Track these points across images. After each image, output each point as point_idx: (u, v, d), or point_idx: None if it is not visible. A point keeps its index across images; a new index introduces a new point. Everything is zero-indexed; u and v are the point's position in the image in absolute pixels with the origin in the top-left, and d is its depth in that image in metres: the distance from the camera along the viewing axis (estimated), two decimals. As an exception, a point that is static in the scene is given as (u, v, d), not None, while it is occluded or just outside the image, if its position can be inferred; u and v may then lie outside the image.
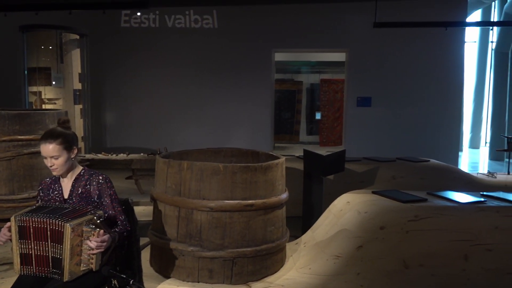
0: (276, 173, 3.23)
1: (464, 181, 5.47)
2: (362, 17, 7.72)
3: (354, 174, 5.44)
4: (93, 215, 2.08)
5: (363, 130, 8.36)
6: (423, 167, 5.56)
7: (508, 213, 3.38)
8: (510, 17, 10.30)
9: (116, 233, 2.19)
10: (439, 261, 3.34)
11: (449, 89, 8.21)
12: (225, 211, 3.04)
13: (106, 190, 2.31)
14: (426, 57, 8.17)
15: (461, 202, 3.49)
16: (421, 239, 3.31)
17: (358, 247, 3.23)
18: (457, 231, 3.35)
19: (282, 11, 8.33)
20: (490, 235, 3.36)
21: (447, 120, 8.22)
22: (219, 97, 8.64)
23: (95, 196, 2.29)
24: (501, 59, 10.89)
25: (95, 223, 2.06)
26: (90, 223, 2.05)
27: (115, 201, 2.31)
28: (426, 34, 7.85)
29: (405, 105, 8.24)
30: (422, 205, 3.43)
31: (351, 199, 3.64)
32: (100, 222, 2.07)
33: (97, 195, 2.29)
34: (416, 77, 8.21)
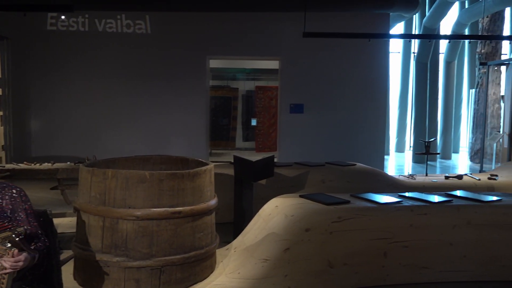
0: (204, 179, 3.25)
1: (387, 183, 5.82)
2: (293, 27, 7.98)
3: (286, 178, 5.60)
4: (11, 232, 1.96)
5: (296, 136, 8.61)
6: (350, 171, 5.84)
7: (421, 211, 3.65)
8: (428, 30, 11.15)
9: (37, 251, 2.09)
10: (361, 259, 3.53)
11: (375, 96, 8.70)
12: (152, 219, 3.00)
13: (21, 204, 2.18)
14: (354, 66, 8.61)
15: (380, 202, 3.71)
16: (344, 239, 3.48)
17: (285, 249, 3.32)
18: (376, 230, 3.56)
19: (216, 19, 8.39)
20: (406, 232, 3.61)
21: (373, 126, 8.69)
22: (153, 104, 8.49)
23: (8, 211, 2.15)
24: (421, 69, 11.75)
25: (13, 240, 1.94)
26: (6, 241, 1.94)
27: (30, 216, 2.19)
28: (353, 44, 8.27)
29: (335, 111, 8.60)
30: (345, 207, 3.61)
31: (279, 203, 3.74)
32: (19, 240, 1.95)
33: (10, 209, 2.16)
34: (344, 85, 8.61)
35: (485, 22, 11.01)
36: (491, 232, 3.70)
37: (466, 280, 3.72)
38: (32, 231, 2.16)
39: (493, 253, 3.72)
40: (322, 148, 8.47)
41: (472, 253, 3.70)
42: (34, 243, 2.14)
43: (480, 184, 5.87)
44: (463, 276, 3.72)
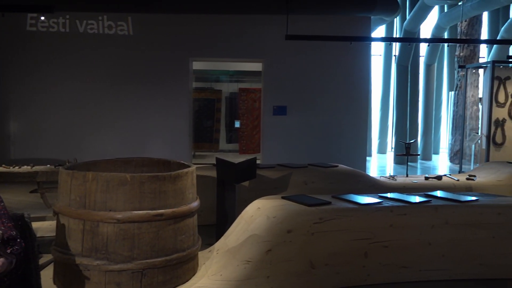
0: (186, 182, 3.25)
1: (369, 184, 5.89)
2: (276, 29, 8.02)
3: (269, 180, 5.62)
4: None
5: (279, 138, 8.65)
6: (332, 172, 5.89)
7: (401, 212, 3.71)
8: (408, 34, 11.33)
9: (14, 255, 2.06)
10: (342, 260, 3.58)
11: (357, 98, 8.80)
12: (133, 222, 2.99)
13: None
14: (336, 68, 8.70)
15: (361, 203, 3.76)
16: (326, 240, 3.52)
17: (267, 251, 3.34)
18: (357, 230, 3.61)
19: (199, 21, 8.38)
20: (386, 232, 3.67)
21: (355, 128, 8.79)
22: (135, 106, 8.43)
23: None
24: (402, 72, 11.94)
25: None
26: None
27: (4, 216, 2.17)
28: (336, 47, 8.36)
29: (318, 113, 8.67)
30: (326, 208, 3.65)
31: (262, 205, 3.76)
32: None
33: None
34: (326, 87, 8.69)
35: (464, 26, 11.25)
36: (468, 232, 3.79)
37: (444, 279, 3.79)
38: (7, 233, 2.13)
39: (470, 252, 3.80)
40: (305, 150, 8.53)
41: (450, 252, 3.78)
42: (10, 247, 2.12)
43: (459, 184, 5.99)
44: (441, 274, 3.79)
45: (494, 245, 3.79)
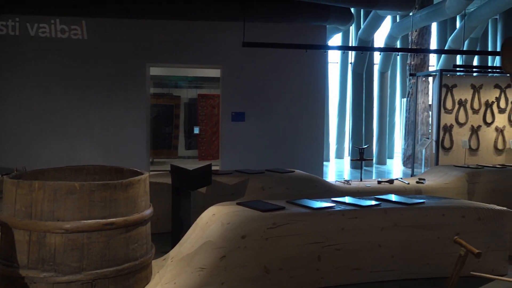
0: (138, 189, 3.21)
1: (325, 189, 6.02)
2: (233, 36, 8.08)
3: (226, 186, 5.63)
4: None
5: (238, 144, 8.68)
6: (288, 178, 5.98)
7: (352, 215, 3.82)
8: (363, 42, 11.72)
9: None
10: (296, 264, 3.64)
11: (314, 105, 8.99)
12: (83, 232, 2.91)
13: None
14: (293, 75, 8.86)
15: (314, 208, 3.85)
16: (280, 245, 3.57)
17: (221, 257, 3.35)
18: (310, 234, 3.69)
19: (156, 26, 8.30)
20: (338, 236, 3.77)
21: (312, 134, 8.97)
22: (90, 112, 8.22)
23: None
24: (357, 79, 12.32)
25: None
26: None
27: None
28: (293, 54, 8.52)
29: (276, 119, 8.79)
30: (280, 213, 3.70)
31: (217, 211, 3.77)
32: None
33: None
34: (284, 94, 8.83)
35: (414, 36, 11.77)
36: (416, 233, 3.96)
37: (394, 279, 3.94)
38: None
39: (418, 252, 3.97)
40: (263, 156, 8.61)
41: (399, 253, 3.93)
42: None
43: (409, 187, 6.24)
44: (391, 275, 3.94)
45: (439, 245, 3.98)
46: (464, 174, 6.54)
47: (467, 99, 9.61)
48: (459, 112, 9.61)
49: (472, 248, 2.79)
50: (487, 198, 6.21)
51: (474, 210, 4.10)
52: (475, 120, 9.69)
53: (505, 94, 9.77)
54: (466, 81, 9.69)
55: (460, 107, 9.60)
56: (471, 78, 9.88)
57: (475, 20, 11.14)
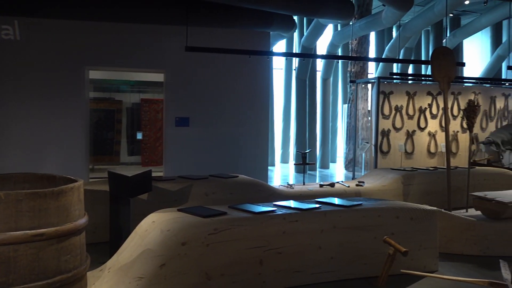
0: (71, 198, 3.06)
1: (268, 193, 6.08)
2: (177, 40, 7.98)
3: (168, 193, 5.53)
4: None
5: (182, 150, 8.56)
6: (232, 183, 5.98)
7: (293, 219, 3.88)
8: (306, 49, 12.02)
9: None
10: (238, 269, 3.63)
11: (258, 110, 9.07)
12: (9, 244, 2.72)
13: None
14: (238, 80, 8.89)
15: (256, 212, 3.87)
16: (221, 250, 3.55)
17: (161, 265, 3.27)
18: (252, 239, 3.70)
19: (96, 28, 8.01)
20: (279, 239, 3.81)
21: (257, 139, 9.04)
22: (25, 117, 7.73)
23: None
24: (301, 85, 12.60)
25: None
26: None
27: None
28: (237, 60, 8.54)
29: (220, 125, 8.76)
30: (221, 218, 3.69)
31: (157, 218, 3.68)
32: None
33: None
34: (229, 99, 8.83)
35: (354, 44, 12.25)
36: (354, 234, 4.09)
37: (333, 280, 4.04)
38: None
39: (356, 253, 4.10)
40: (207, 161, 8.54)
41: (338, 255, 4.04)
42: None
43: (349, 190, 6.45)
44: (331, 276, 4.04)
45: (375, 245, 4.13)
46: (400, 176, 6.87)
47: (402, 105, 10.13)
48: (396, 118, 10.10)
49: (400, 247, 2.93)
50: (420, 198, 6.57)
51: (407, 211, 4.31)
52: (410, 125, 10.23)
53: (437, 101, 10.41)
54: (401, 88, 10.22)
55: (397, 113, 10.10)
56: (406, 85, 10.43)
57: (409, 30, 11.80)
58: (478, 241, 4.94)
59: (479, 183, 7.13)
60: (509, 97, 11.36)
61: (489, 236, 4.94)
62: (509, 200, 5.01)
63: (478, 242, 4.94)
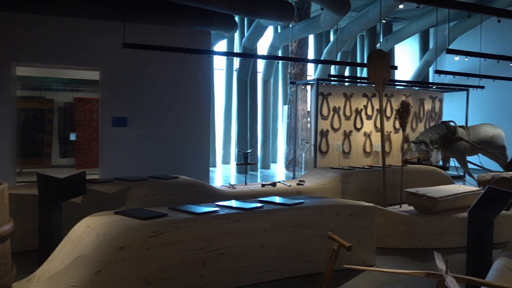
0: (-6, 202, 2.79)
1: (210, 194, 5.99)
2: (113, 37, 7.64)
3: (105, 196, 5.26)
4: None
5: (120, 151, 8.22)
6: (173, 184, 5.82)
7: (235, 218, 3.84)
8: (247, 50, 12.05)
9: None
10: (179, 272, 3.52)
11: (199, 110, 8.93)
12: None
13: None
14: (178, 79, 8.70)
15: (197, 213, 3.77)
16: (162, 254, 3.42)
17: (96, 272, 3.08)
18: (194, 240, 3.60)
19: (25, 21, 7.46)
20: (222, 240, 3.75)
21: (198, 139, 8.90)
22: None
23: None
24: (242, 86, 12.61)
25: None
26: None
27: None
28: (178, 58, 8.36)
29: (160, 125, 8.52)
30: (161, 220, 3.55)
31: (91, 222, 3.47)
32: None
33: None
34: (169, 99, 8.62)
35: (294, 47, 12.47)
36: (296, 232, 4.12)
37: (277, 278, 4.04)
38: None
39: (298, 251, 4.14)
40: (147, 163, 8.28)
41: (281, 253, 4.06)
42: None
43: (290, 189, 6.53)
44: (274, 275, 4.04)
45: (317, 242, 4.20)
46: (339, 175, 7.06)
47: (340, 106, 10.48)
48: (334, 119, 10.43)
49: (344, 242, 2.98)
50: (358, 196, 6.79)
51: (347, 208, 4.43)
52: (347, 126, 10.60)
53: (372, 103, 10.88)
54: (339, 90, 10.56)
55: (335, 113, 10.43)
56: (343, 87, 10.80)
57: (346, 34, 12.23)
58: (411, 235, 5.19)
59: (410, 180, 7.51)
60: (436, 99, 12.14)
61: (421, 230, 5.21)
62: (438, 195, 5.32)
63: (411, 235, 5.19)
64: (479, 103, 13.51)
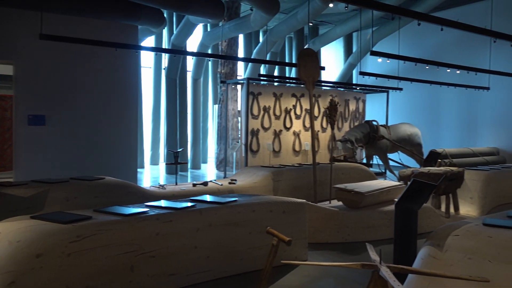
0: None
1: (139, 195, 5.70)
2: (29, 27, 7.04)
3: (19, 200, 4.79)
4: None
5: (37, 151, 7.58)
6: (98, 185, 5.46)
7: (167, 219, 3.66)
8: (176, 48, 11.76)
9: None
10: (106, 279, 3.27)
11: (126, 108, 8.52)
12: None
13: None
14: (103, 75, 8.22)
15: (125, 214, 3.55)
16: (86, 260, 3.16)
17: (9, 283, 2.76)
18: (122, 244, 3.38)
19: None
20: (152, 242, 3.56)
21: (125, 139, 8.48)
22: None
23: None
24: (171, 84, 12.29)
25: None
26: None
27: None
28: (102, 52, 7.89)
29: (83, 123, 8.00)
30: (85, 223, 3.28)
31: (3, 229, 3.11)
32: None
33: None
34: (93, 96, 8.12)
35: (224, 46, 12.40)
36: (229, 231, 4.04)
37: (211, 279, 3.93)
38: None
39: (232, 250, 4.06)
40: (69, 164, 7.72)
41: (214, 253, 3.95)
42: None
43: (222, 188, 6.43)
44: (207, 276, 3.92)
45: (250, 240, 4.15)
46: (270, 173, 7.10)
47: (270, 106, 10.59)
48: (264, 118, 10.51)
49: (283, 237, 2.95)
50: (289, 193, 6.88)
51: (280, 204, 4.43)
52: (277, 125, 10.75)
53: (300, 103, 11.13)
54: (269, 90, 10.68)
55: (265, 113, 10.52)
56: (273, 87, 10.94)
57: (275, 35, 12.41)
58: (340, 229, 5.34)
59: (338, 177, 7.77)
60: (359, 100, 12.74)
61: (350, 224, 5.38)
62: (365, 190, 5.53)
63: (340, 230, 5.34)
64: (398, 103, 14.42)
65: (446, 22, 5.35)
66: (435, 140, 13.45)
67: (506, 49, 11.41)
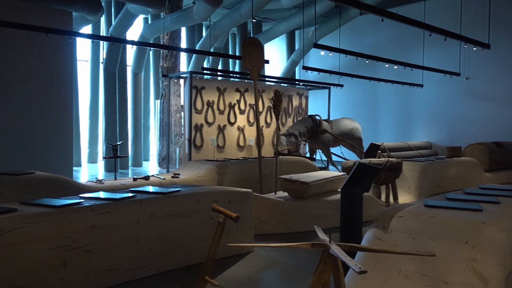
0: None
1: (74, 190, 5.31)
2: None
3: None
4: None
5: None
6: (27, 180, 5.02)
7: (103, 210, 3.40)
8: (114, 40, 11.22)
9: None
10: (35, 276, 2.97)
11: (60, 100, 7.99)
12: None
13: None
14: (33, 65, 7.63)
15: (57, 206, 3.25)
16: (10, 256, 2.84)
17: None
18: (53, 238, 3.09)
19: None
20: (88, 235, 3.29)
21: (60, 133, 7.96)
22: None
23: None
24: (110, 78, 11.72)
25: None
26: None
27: None
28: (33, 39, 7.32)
29: (13, 116, 7.38)
30: (9, 216, 2.95)
31: None
32: None
33: None
34: (22, 86, 7.52)
35: (166, 39, 12.03)
36: (173, 222, 3.84)
37: (152, 274, 3.72)
38: None
39: (176, 242, 3.87)
40: (-6, 160, 7.10)
41: (156, 246, 3.74)
42: None
43: (165, 182, 6.19)
44: (149, 270, 3.70)
45: (195, 232, 3.98)
46: (214, 166, 6.95)
47: (214, 100, 10.42)
48: (208, 113, 10.32)
49: (230, 213, 2.82)
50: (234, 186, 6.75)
51: (225, 194, 4.29)
52: (221, 120, 10.60)
53: (244, 97, 11.06)
54: (212, 84, 10.50)
55: (209, 108, 10.33)
56: (217, 82, 10.77)
57: (219, 30, 12.25)
58: (286, 219, 5.31)
59: (282, 170, 7.76)
60: (302, 96, 12.90)
61: (295, 214, 5.36)
62: (310, 180, 5.54)
63: (286, 220, 5.30)
64: (339, 99, 14.80)
65: (387, 13, 5.49)
66: (374, 134, 13.95)
67: (437, 47, 12.07)
